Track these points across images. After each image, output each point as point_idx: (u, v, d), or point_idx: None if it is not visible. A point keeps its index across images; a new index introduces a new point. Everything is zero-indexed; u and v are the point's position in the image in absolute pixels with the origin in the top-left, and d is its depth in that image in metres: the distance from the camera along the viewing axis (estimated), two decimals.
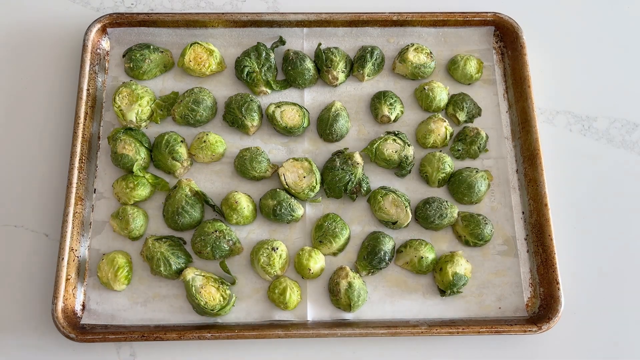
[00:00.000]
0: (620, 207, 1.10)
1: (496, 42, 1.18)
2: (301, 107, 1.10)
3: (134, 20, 1.14)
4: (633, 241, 1.07)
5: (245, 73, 1.11)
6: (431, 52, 1.14)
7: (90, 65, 1.10)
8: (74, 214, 1.00)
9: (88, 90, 1.08)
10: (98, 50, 1.13)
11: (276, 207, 1.01)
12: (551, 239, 1.00)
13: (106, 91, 1.13)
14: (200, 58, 1.11)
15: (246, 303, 1.00)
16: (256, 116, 1.08)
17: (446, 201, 1.04)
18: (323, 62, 1.12)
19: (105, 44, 1.15)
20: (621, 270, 1.06)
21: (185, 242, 1.02)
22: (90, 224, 1.04)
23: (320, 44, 1.13)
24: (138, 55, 1.11)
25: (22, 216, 1.06)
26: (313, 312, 1.00)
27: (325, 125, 1.08)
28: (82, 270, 1.01)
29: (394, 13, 1.15)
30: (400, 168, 1.07)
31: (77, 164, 1.03)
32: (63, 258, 0.97)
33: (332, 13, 1.14)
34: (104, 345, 0.99)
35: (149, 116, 1.10)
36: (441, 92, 1.11)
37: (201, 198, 1.03)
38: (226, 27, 1.16)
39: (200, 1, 1.23)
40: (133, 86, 1.09)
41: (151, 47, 1.12)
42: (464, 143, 1.09)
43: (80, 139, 1.04)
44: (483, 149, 1.10)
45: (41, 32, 1.19)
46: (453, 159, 1.09)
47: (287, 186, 1.03)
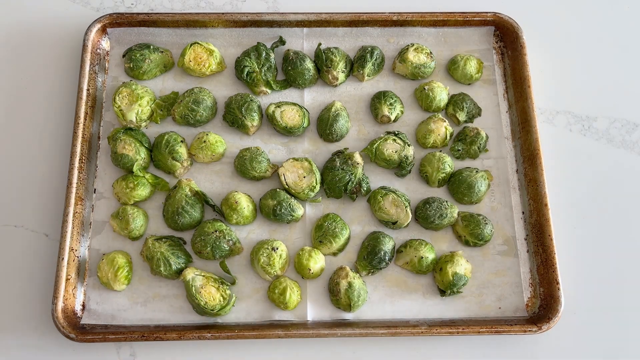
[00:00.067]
0: (620, 207, 1.10)
1: (496, 42, 1.18)
2: (301, 107, 1.10)
3: (134, 20, 1.14)
4: (633, 241, 1.07)
5: (245, 73, 1.11)
6: (431, 52, 1.14)
7: (90, 65, 1.10)
8: (74, 214, 1.00)
9: (88, 90, 1.08)
10: (98, 50, 1.13)
11: (276, 207, 1.01)
12: (551, 239, 1.00)
13: (106, 91, 1.13)
14: (200, 58, 1.11)
15: (246, 303, 1.00)
16: (256, 116, 1.08)
17: (446, 201, 1.04)
18: (323, 62, 1.12)
19: (105, 44, 1.15)
20: (621, 270, 1.06)
21: (185, 242, 1.02)
22: (90, 224, 1.04)
23: (320, 44, 1.13)
24: (138, 55, 1.11)
25: (22, 216, 1.06)
26: (313, 312, 1.00)
27: (325, 125, 1.08)
28: (82, 270, 1.01)
29: (394, 13, 1.15)
30: (400, 168, 1.07)
31: (77, 164, 1.03)
32: (63, 258, 0.97)
33: (332, 13, 1.14)
34: (104, 345, 0.99)
35: (149, 116, 1.10)
36: (441, 92, 1.11)
37: (201, 198, 1.03)
38: (226, 27, 1.16)
39: (200, 1, 1.23)
40: (133, 86, 1.09)
41: (151, 47, 1.12)
42: (464, 143, 1.09)
43: (80, 139, 1.04)
44: (483, 149, 1.10)
45: (41, 32, 1.19)
46: (453, 159, 1.09)
47: (287, 186, 1.03)
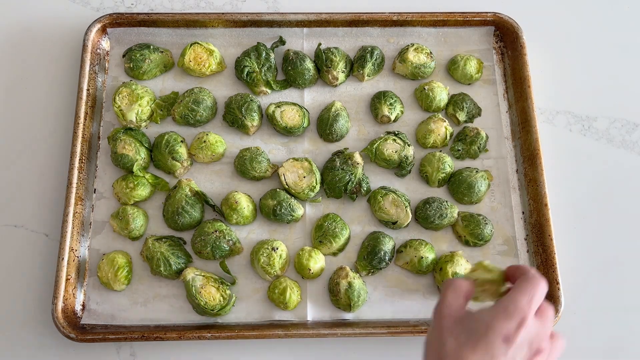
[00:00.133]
0: (620, 207, 1.10)
1: (496, 42, 1.18)
2: (301, 107, 1.10)
3: (134, 20, 1.14)
4: (633, 241, 1.07)
5: (245, 73, 1.11)
6: (431, 52, 1.14)
7: (90, 65, 1.10)
8: (74, 214, 1.00)
9: (88, 90, 1.08)
10: (98, 50, 1.13)
11: (276, 207, 1.01)
12: (551, 239, 1.00)
13: (106, 91, 1.13)
14: (200, 58, 1.11)
15: (246, 303, 1.00)
16: (256, 116, 1.08)
17: (446, 201, 1.04)
18: (323, 62, 1.12)
19: (105, 44, 1.15)
20: (621, 270, 1.06)
21: (185, 242, 1.02)
22: (90, 224, 1.04)
23: (320, 44, 1.13)
24: (138, 55, 1.11)
25: (22, 216, 1.06)
26: (313, 312, 1.00)
27: (325, 125, 1.08)
28: (82, 270, 1.01)
29: (394, 13, 1.15)
30: (400, 168, 1.07)
31: (77, 164, 1.03)
32: (63, 258, 0.97)
33: (332, 13, 1.14)
34: (104, 345, 0.99)
35: (149, 116, 1.10)
36: (441, 92, 1.11)
37: (201, 198, 1.03)
38: (226, 27, 1.16)
39: (200, 1, 1.23)
40: (133, 86, 1.09)
41: (151, 47, 1.12)
42: (464, 143, 1.09)
43: (80, 139, 1.04)
44: (483, 149, 1.10)
45: (41, 32, 1.19)
46: (453, 159, 1.09)
47: (287, 186, 1.03)
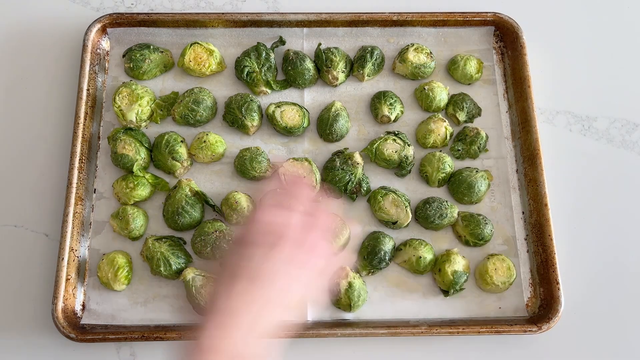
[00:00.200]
0: (620, 207, 1.09)
1: (496, 42, 1.18)
2: (301, 107, 1.10)
3: (134, 20, 1.14)
4: (633, 241, 1.07)
5: (245, 73, 1.11)
6: (431, 52, 1.14)
7: (90, 65, 1.10)
8: (74, 214, 1.00)
9: (88, 90, 1.08)
10: (98, 50, 1.13)
11: None
12: (551, 239, 1.00)
13: (106, 91, 1.13)
14: (200, 58, 1.11)
15: None
16: (256, 116, 1.08)
17: (446, 201, 1.04)
18: (323, 62, 1.12)
19: (105, 44, 1.15)
20: (621, 270, 1.06)
21: (185, 242, 1.02)
22: (90, 224, 1.04)
23: (320, 44, 1.13)
24: (138, 55, 1.11)
25: (22, 216, 1.06)
26: (313, 312, 1.00)
27: (325, 125, 1.08)
28: (82, 270, 1.01)
29: (394, 13, 1.15)
30: (400, 168, 1.07)
31: (77, 164, 1.03)
32: (63, 258, 0.97)
33: (332, 13, 1.14)
34: (104, 345, 0.99)
35: (149, 116, 1.10)
36: (441, 92, 1.11)
37: (201, 198, 1.03)
38: (226, 27, 1.16)
39: (200, 1, 1.23)
40: (133, 86, 1.09)
41: (151, 47, 1.12)
42: (464, 143, 1.09)
43: (80, 139, 1.04)
44: (483, 149, 1.10)
45: (41, 32, 1.19)
46: (453, 159, 1.09)
47: None
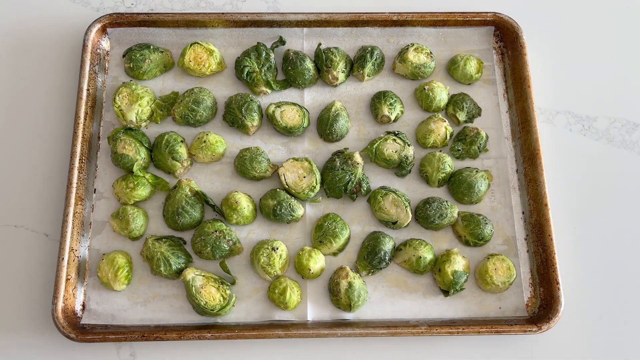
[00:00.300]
0: (620, 207, 1.10)
1: (496, 42, 1.18)
2: (301, 107, 1.10)
3: (134, 20, 1.14)
4: (633, 241, 1.07)
5: (245, 73, 1.11)
6: (431, 52, 1.14)
7: (90, 65, 1.10)
8: (74, 214, 1.00)
9: (88, 90, 1.08)
10: (98, 50, 1.13)
11: (276, 207, 1.01)
12: (551, 239, 1.00)
13: (106, 91, 1.13)
14: (200, 58, 1.11)
15: (246, 303, 1.00)
16: (256, 116, 1.08)
17: (446, 201, 1.04)
18: (323, 62, 1.12)
19: (105, 44, 1.15)
20: (621, 270, 1.06)
21: (185, 242, 1.02)
22: (90, 224, 1.04)
23: (320, 44, 1.13)
24: (138, 55, 1.11)
25: (22, 216, 1.06)
26: (313, 312, 1.00)
27: (325, 125, 1.08)
28: (82, 270, 1.01)
29: (394, 13, 1.15)
30: (400, 168, 1.07)
31: (77, 164, 1.03)
32: (63, 258, 0.97)
33: (332, 13, 1.14)
34: (104, 345, 0.99)
35: (149, 116, 1.10)
36: (441, 92, 1.11)
37: (201, 198, 1.03)
38: (226, 27, 1.16)
39: (200, 1, 1.23)
40: (133, 86, 1.09)
41: (151, 47, 1.12)
42: (464, 143, 1.09)
43: (80, 139, 1.04)
44: (483, 149, 1.10)
45: (41, 32, 1.19)
46: (453, 159, 1.09)
47: (287, 186, 1.03)
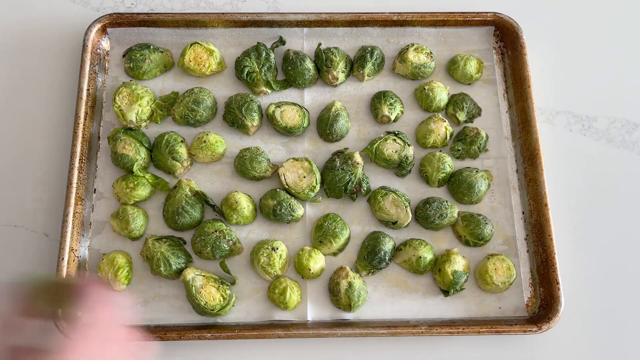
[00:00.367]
0: (620, 207, 1.10)
1: (496, 42, 1.18)
2: (301, 107, 1.10)
3: (134, 20, 1.14)
4: (633, 241, 1.07)
5: (245, 73, 1.11)
6: (431, 52, 1.14)
7: (90, 65, 1.10)
8: (74, 214, 1.00)
9: (88, 90, 1.08)
10: (98, 50, 1.13)
11: (276, 207, 1.01)
12: (551, 239, 1.00)
13: (106, 91, 1.13)
14: (200, 58, 1.11)
15: (246, 303, 1.00)
16: (256, 116, 1.08)
17: (446, 201, 1.04)
18: (323, 62, 1.12)
19: (105, 44, 1.15)
20: (621, 270, 1.06)
21: (185, 242, 1.02)
22: (90, 224, 1.04)
23: (320, 44, 1.13)
24: (138, 55, 1.11)
25: (22, 216, 1.06)
26: (313, 312, 1.00)
27: (325, 125, 1.08)
28: (82, 270, 1.01)
29: (394, 13, 1.15)
30: (400, 168, 1.07)
31: (77, 164, 1.03)
32: (63, 258, 0.97)
33: (332, 13, 1.14)
34: None
35: (149, 116, 1.10)
36: (441, 92, 1.11)
37: (201, 198, 1.03)
38: (226, 27, 1.16)
39: (200, 1, 1.23)
40: (133, 86, 1.09)
41: (151, 47, 1.12)
42: (464, 143, 1.09)
43: (80, 139, 1.04)
44: (483, 149, 1.10)
45: (41, 32, 1.19)
46: (453, 159, 1.09)
47: (287, 186, 1.03)
